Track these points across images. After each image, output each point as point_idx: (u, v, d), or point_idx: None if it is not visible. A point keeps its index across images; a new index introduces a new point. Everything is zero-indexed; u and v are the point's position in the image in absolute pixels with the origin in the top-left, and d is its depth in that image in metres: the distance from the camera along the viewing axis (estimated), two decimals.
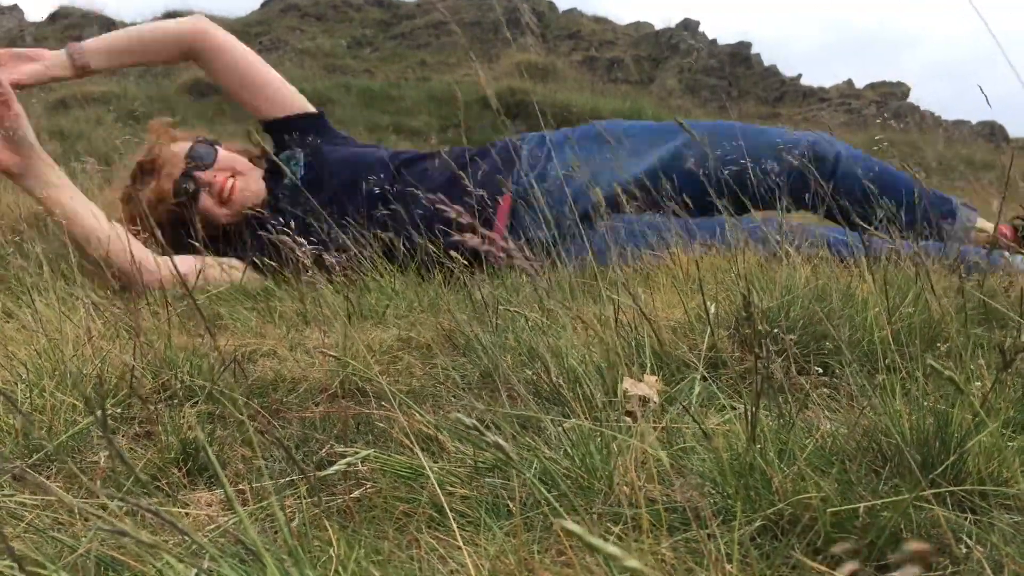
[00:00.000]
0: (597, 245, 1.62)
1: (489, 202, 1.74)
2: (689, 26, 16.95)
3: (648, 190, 1.72)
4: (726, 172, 1.68)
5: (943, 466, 0.67)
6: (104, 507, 0.67)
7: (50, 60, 1.98)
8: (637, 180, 1.80)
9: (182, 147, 2.15)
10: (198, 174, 2.10)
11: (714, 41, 16.54)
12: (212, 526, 0.69)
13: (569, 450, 0.75)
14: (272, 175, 2.21)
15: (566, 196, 1.72)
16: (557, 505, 0.52)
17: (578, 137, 2.07)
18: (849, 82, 15.95)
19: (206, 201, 2.11)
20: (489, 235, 0.53)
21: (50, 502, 0.70)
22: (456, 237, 0.52)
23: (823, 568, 0.31)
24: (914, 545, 0.31)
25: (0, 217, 2.38)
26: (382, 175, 2.04)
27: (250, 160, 2.23)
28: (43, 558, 0.57)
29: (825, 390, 0.99)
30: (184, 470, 0.82)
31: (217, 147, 2.21)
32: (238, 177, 2.14)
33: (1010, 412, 0.77)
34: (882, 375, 0.89)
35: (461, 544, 0.61)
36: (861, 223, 1.12)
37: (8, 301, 1.44)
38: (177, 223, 2.00)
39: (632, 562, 0.33)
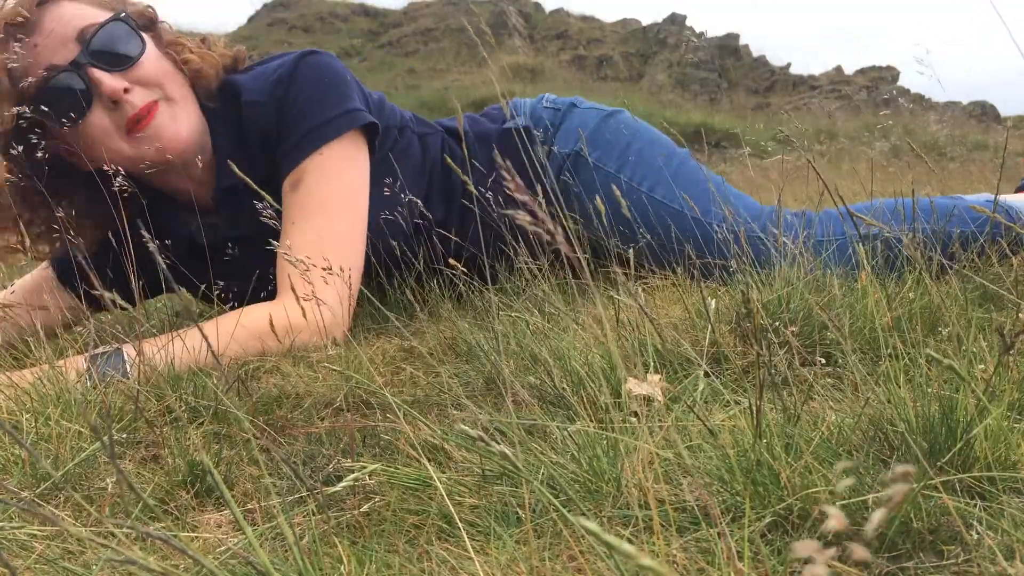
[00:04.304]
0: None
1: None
2: (676, 20, 16.98)
3: None
4: None
5: (950, 453, 0.67)
6: (113, 534, 0.67)
7: None
8: None
9: (81, 14, 1.28)
10: (98, 73, 1.26)
11: (702, 34, 16.58)
12: (222, 548, 0.69)
13: (576, 454, 0.75)
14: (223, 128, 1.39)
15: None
16: (565, 512, 0.52)
17: None
18: (839, 69, 15.99)
19: (100, 121, 1.29)
20: (542, 215, 0.51)
21: (59, 532, 0.70)
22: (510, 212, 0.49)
23: (835, 563, 0.31)
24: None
25: None
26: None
27: (192, 79, 1.38)
28: None
29: (829, 380, 0.99)
30: (192, 492, 0.82)
31: (145, 36, 1.34)
32: (166, 103, 1.33)
33: (1014, 395, 0.77)
34: (885, 363, 0.89)
35: (472, 554, 0.61)
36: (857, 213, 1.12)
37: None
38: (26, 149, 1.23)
39: (646, 560, 0.33)
